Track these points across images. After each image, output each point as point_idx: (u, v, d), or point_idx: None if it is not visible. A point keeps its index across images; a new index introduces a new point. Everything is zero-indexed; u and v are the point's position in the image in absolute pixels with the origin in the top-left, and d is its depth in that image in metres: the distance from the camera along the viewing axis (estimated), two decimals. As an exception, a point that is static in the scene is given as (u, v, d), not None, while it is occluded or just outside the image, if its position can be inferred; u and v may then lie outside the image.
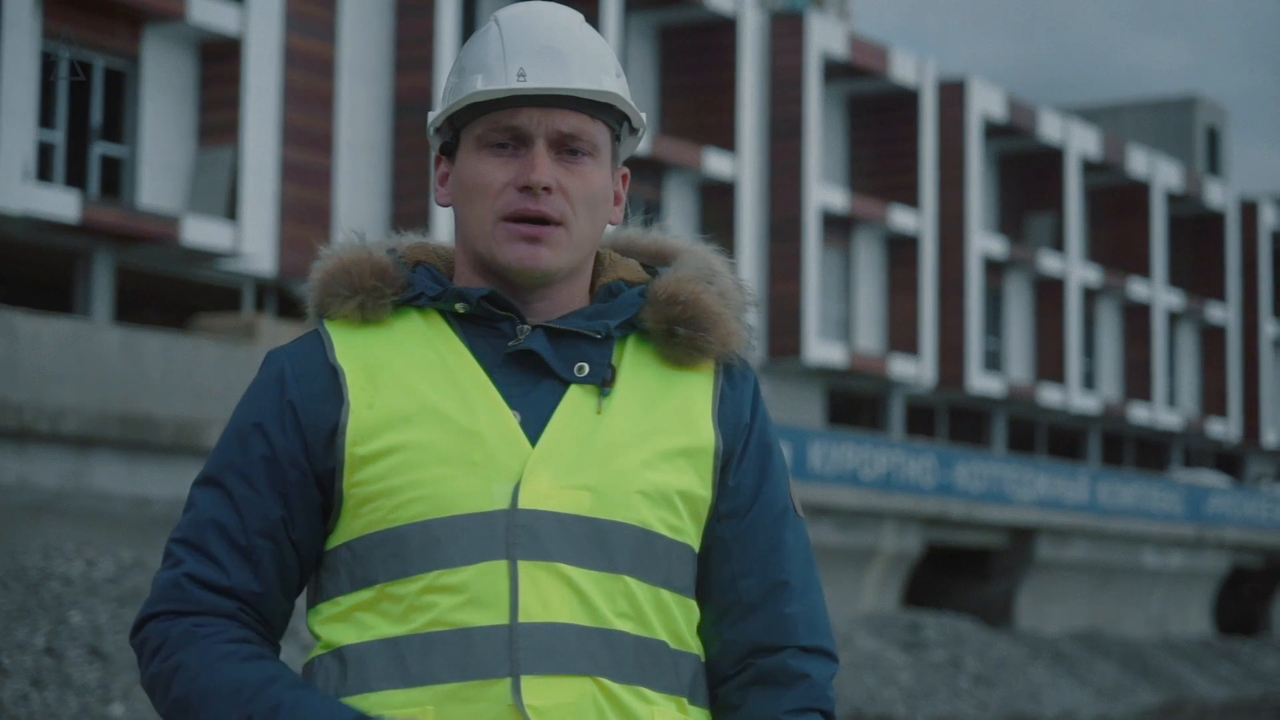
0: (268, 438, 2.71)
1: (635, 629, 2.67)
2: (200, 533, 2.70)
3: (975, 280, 48.47)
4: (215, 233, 30.96)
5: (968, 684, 26.12)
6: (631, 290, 2.80)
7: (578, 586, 2.64)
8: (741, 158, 42.08)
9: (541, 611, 2.62)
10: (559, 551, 2.64)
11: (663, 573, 2.71)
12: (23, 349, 20.62)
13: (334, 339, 2.74)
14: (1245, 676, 36.43)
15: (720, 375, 2.81)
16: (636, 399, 2.73)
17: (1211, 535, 42.74)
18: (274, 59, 32.22)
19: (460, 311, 2.73)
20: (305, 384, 2.72)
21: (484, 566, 2.63)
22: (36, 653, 14.65)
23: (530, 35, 2.72)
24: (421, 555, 2.64)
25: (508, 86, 2.68)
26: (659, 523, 2.70)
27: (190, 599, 2.67)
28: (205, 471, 2.74)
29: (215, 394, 22.21)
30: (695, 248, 2.89)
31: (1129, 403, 54.97)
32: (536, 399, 2.69)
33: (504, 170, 2.70)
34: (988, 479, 36.11)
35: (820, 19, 44.87)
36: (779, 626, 2.78)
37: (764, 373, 41.88)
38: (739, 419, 2.79)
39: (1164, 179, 56.55)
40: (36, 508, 19.73)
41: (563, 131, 2.71)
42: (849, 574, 32.01)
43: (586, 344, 2.73)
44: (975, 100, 48.79)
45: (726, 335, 2.80)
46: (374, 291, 2.74)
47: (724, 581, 2.77)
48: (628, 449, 2.69)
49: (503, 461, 2.65)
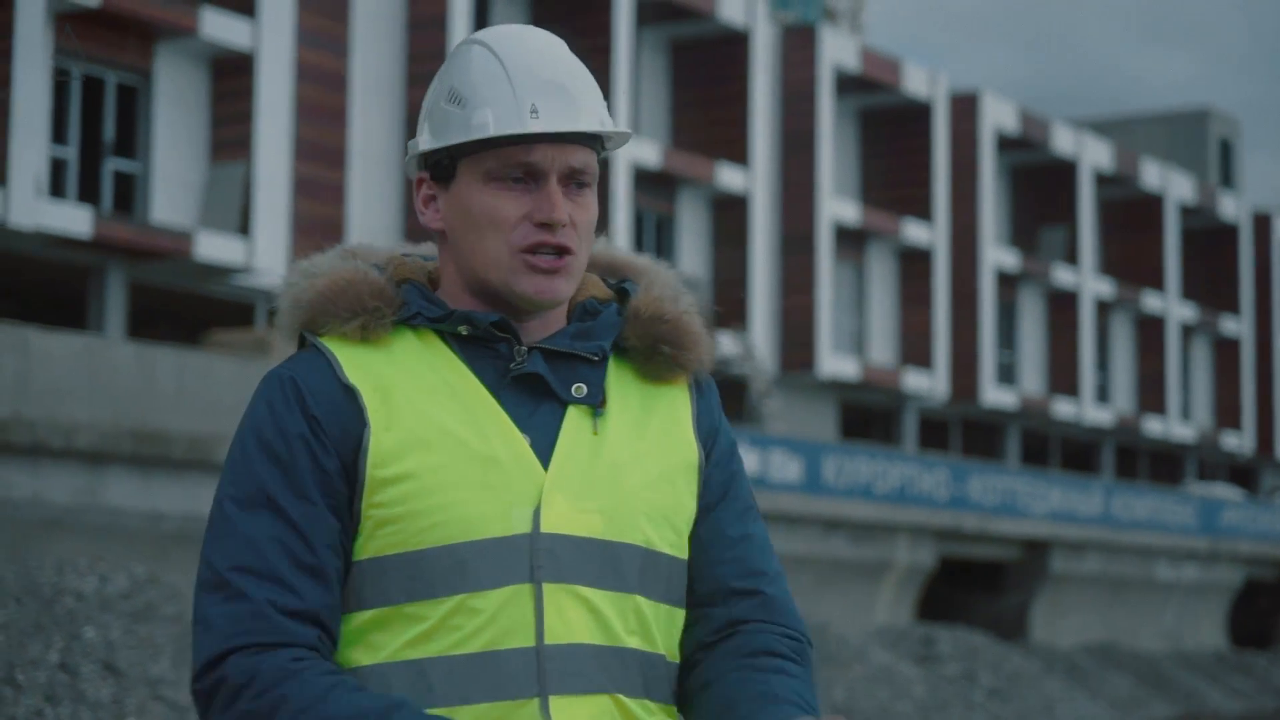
0: (310, 450, 2.69)
1: (642, 645, 2.76)
2: (262, 557, 2.65)
3: (988, 293, 48.45)
4: (228, 248, 30.98)
5: (982, 698, 26.07)
6: (609, 309, 2.86)
7: (595, 607, 2.71)
8: (754, 171, 42.07)
9: (565, 633, 2.68)
10: (577, 574, 2.71)
11: (664, 589, 2.80)
12: (35, 365, 20.63)
13: (339, 357, 2.75)
14: (1259, 690, 36.36)
15: (693, 389, 2.90)
16: (626, 418, 2.81)
17: (1225, 548, 42.66)
18: (286, 74, 32.26)
19: (463, 334, 2.77)
20: (323, 401, 2.72)
21: (511, 590, 2.68)
22: (50, 669, 14.65)
23: (532, 69, 2.77)
24: (448, 578, 2.67)
25: (524, 127, 2.73)
26: (661, 541, 2.79)
27: (275, 629, 2.62)
28: (239, 492, 2.69)
29: (228, 409, 22.21)
30: (653, 264, 2.96)
31: (1143, 416, 54.91)
32: (540, 421, 2.75)
33: (517, 204, 2.75)
34: (1001, 492, 36.06)
35: (832, 32, 44.89)
36: (761, 607, 2.86)
37: (777, 386, 41.86)
38: (712, 426, 2.91)
39: (1177, 191, 56.50)
40: (49, 524, 19.74)
41: (573, 167, 2.77)
42: (863, 587, 31.97)
43: (581, 365, 2.80)
44: (987, 113, 48.78)
45: (704, 353, 2.89)
46: (376, 313, 2.77)
47: (703, 570, 2.86)
48: (629, 470, 2.77)
49: (518, 486, 2.70)
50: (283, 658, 2.60)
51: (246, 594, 2.63)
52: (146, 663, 15.01)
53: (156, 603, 16.36)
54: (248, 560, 2.65)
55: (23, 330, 21.01)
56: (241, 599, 2.63)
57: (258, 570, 2.64)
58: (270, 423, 2.71)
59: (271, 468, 2.69)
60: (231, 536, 2.67)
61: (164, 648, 15.30)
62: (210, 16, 30.96)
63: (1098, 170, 53.42)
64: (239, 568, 2.64)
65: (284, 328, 2.82)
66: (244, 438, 2.72)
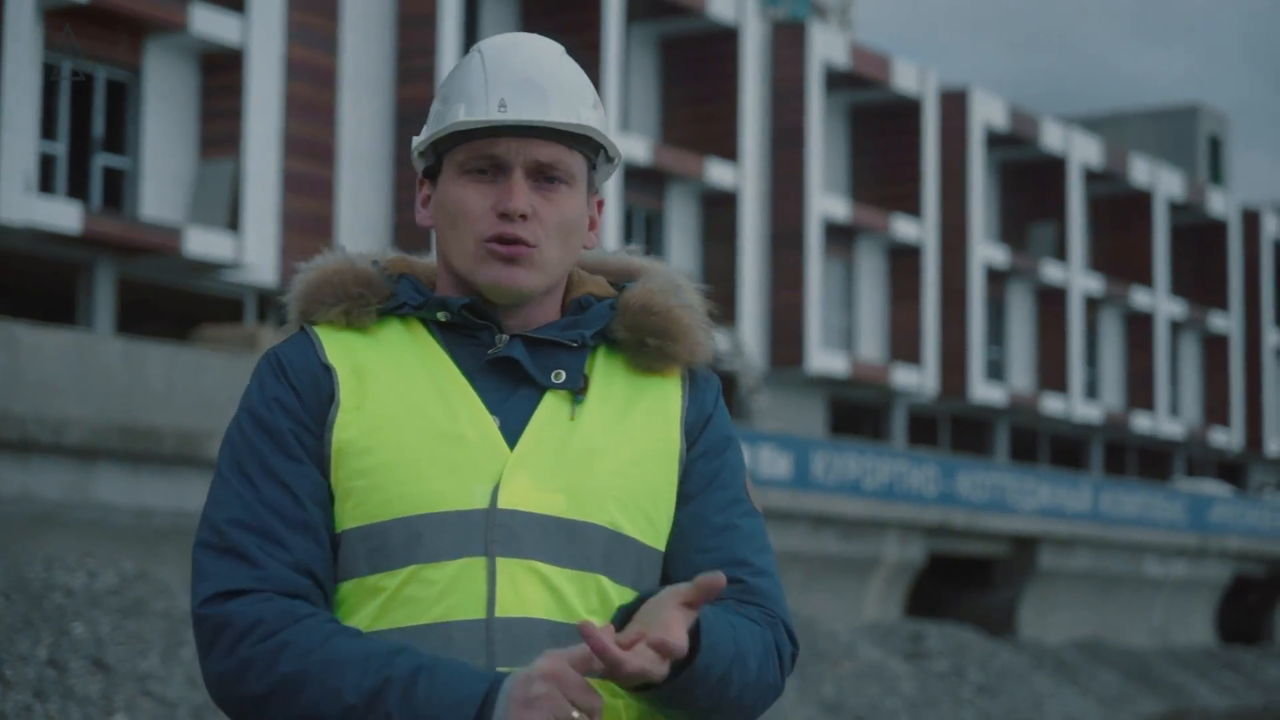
0: (288, 412, 2.80)
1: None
2: (255, 513, 2.76)
3: (977, 289, 48.48)
4: (217, 244, 30.97)
5: (970, 694, 26.10)
6: (602, 303, 2.92)
7: (552, 584, 2.74)
8: (743, 167, 42.08)
9: (517, 606, 2.72)
10: (535, 550, 2.74)
11: (633, 575, 2.81)
12: (24, 360, 20.62)
13: (323, 340, 2.86)
14: (1248, 686, 36.40)
15: (686, 383, 2.93)
16: (609, 406, 2.85)
17: (1214, 545, 42.70)
18: (275, 70, 32.25)
19: (442, 320, 2.86)
20: (302, 376, 2.83)
21: (464, 563, 2.73)
22: (39, 664, 14.65)
23: (511, 67, 2.85)
24: (403, 550, 2.74)
25: (488, 117, 2.81)
26: (630, 526, 2.81)
27: (272, 579, 2.72)
28: (233, 457, 2.81)
29: (218, 405, 22.20)
30: (658, 264, 3.01)
31: (1131, 412, 54.96)
32: (514, 405, 2.82)
33: (484, 196, 2.83)
34: (990, 488, 36.09)
35: (822, 29, 44.90)
36: (743, 594, 2.84)
37: (766, 382, 41.88)
38: (702, 419, 2.92)
39: (1166, 188, 56.55)
40: (39, 519, 19.73)
41: (540, 161, 2.83)
42: (851, 584, 32.00)
43: (563, 352, 2.86)
44: (977, 110, 48.80)
45: (694, 346, 2.92)
46: (359, 299, 2.88)
47: (681, 557, 2.86)
48: (602, 455, 2.80)
49: (482, 464, 2.77)
50: (284, 605, 2.69)
51: (242, 546, 2.73)
52: (135, 658, 15.01)
53: (145, 598, 16.36)
54: (242, 515, 2.75)
55: (12, 326, 20.99)
56: (237, 550, 2.73)
57: (251, 525, 2.74)
58: (258, 394, 2.84)
59: (260, 432, 2.80)
60: (227, 495, 2.78)
61: (153, 643, 15.31)
62: (200, 12, 30.94)
63: (1087, 167, 53.46)
64: (234, 521, 2.75)
65: (290, 317, 2.94)
66: (238, 413, 2.85)
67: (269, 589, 2.70)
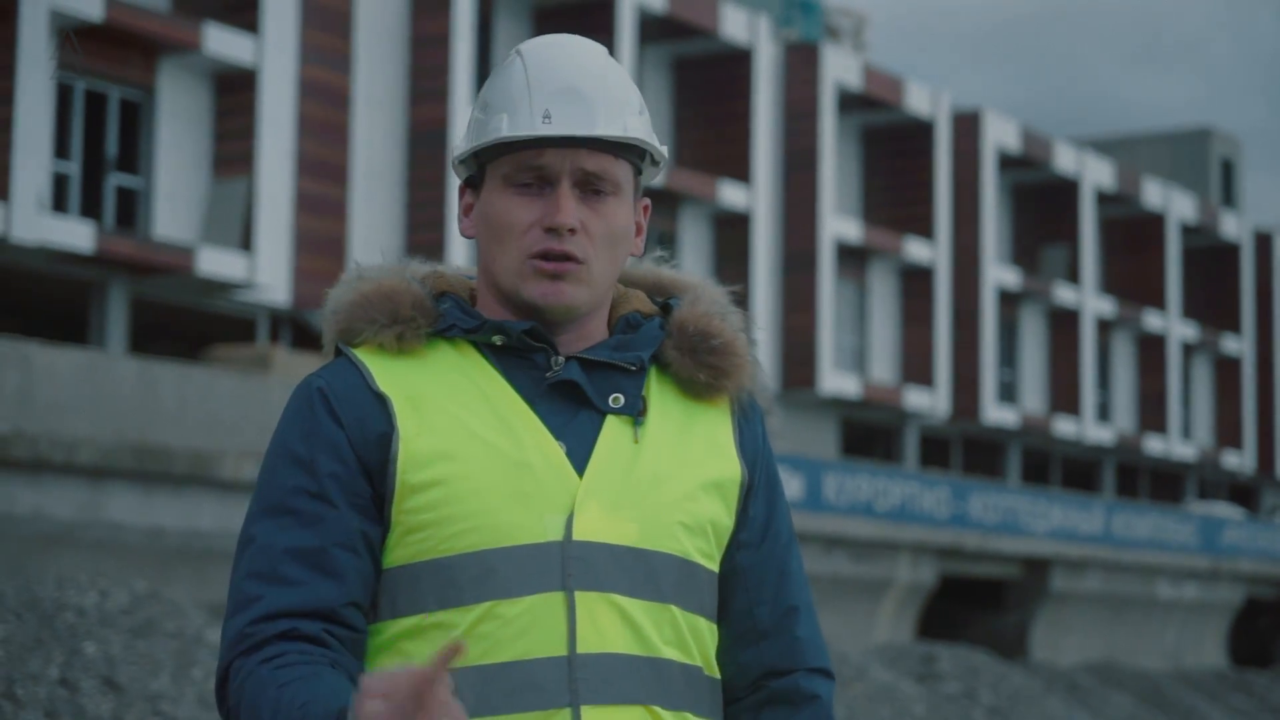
0: (337, 455, 2.69)
1: (680, 656, 2.73)
2: (272, 562, 2.65)
3: (990, 311, 48.44)
4: (230, 263, 31.00)
5: (982, 716, 26.05)
6: (650, 323, 2.84)
7: (630, 616, 2.68)
8: (756, 189, 42.09)
9: (598, 642, 2.66)
10: (612, 582, 2.68)
11: (698, 600, 2.77)
12: (38, 380, 20.65)
13: (370, 367, 2.74)
14: (1260, 709, 36.34)
15: (736, 409, 2.87)
16: (667, 430, 2.78)
17: (1226, 567, 42.64)
18: (289, 90, 32.29)
19: (497, 344, 2.76)
20: (351, 409, 2.71)
21: (541, 598, 2.65)
22: (50, 684, 14.65)
23: (554, 74, 2.76)
24: (477, 585, 2.65)
25: (532, 131, 2.72)
26: (697, 552, 2.76)
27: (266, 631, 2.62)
28: (265, 503, 2.69)
29: (230, 425, 22.22)
30: (699, 280, 2.93)
31: (1144, 434, 54.88)
32: (577, 429, 2.73)
33: (530, 210, 2.74)
34: (1002, 510, 36.06)
35: (835, 51, 44.93)
36: (790, 650, 2.86)
37: (778, 404, 41.86)
38: (756, 451, 2.87)
39: (1179, 210, 56.51)
40: (51, 539, 19.74)
41: (587, 171, 2.74)
42: (863, 605, 31.96)
43: (619, 375, 2.77)
44: (990, 132, 48.79)
45: (746, 371, 2.86)
46: (412, 323, 2.76)
47: (741, 609, 2.84)
48: (668, 480, 2.74)
49: (552, 493, 2.68)
50: (254, 661, 2.60)
51: (251, 599, 2.65)
52: (146, 678, 15.01)
53: (157, 619, 16.37)
54: (258, 566, 2.66)
55: (25, 345, 21.02)
56: (247, 606, 2.65)
57: (265, 574, 2.65)
58: (295, 428, 2.72)
59: (292, 469, 2.69)
60: (248, 547, 2.69)
61: (164, 663, 15.31)
62: (213, 32, 31.00)
63: (1099, 189, 53.43)
64: (250, 574, 2.67)
65: (326, 332, 2.83)
66: (271, 448, 2.74)
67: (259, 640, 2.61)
